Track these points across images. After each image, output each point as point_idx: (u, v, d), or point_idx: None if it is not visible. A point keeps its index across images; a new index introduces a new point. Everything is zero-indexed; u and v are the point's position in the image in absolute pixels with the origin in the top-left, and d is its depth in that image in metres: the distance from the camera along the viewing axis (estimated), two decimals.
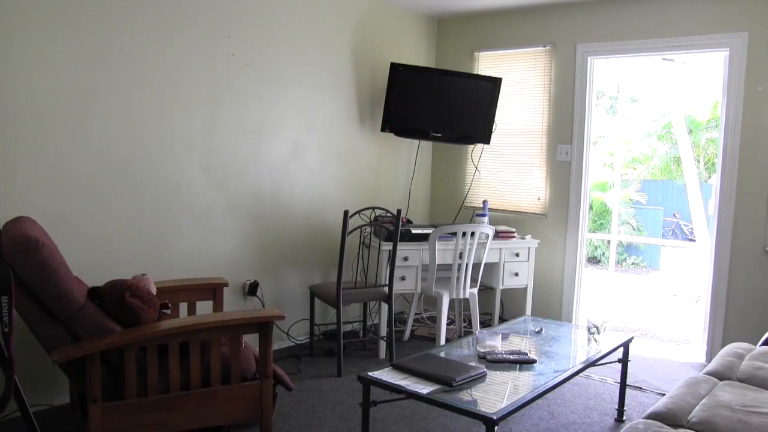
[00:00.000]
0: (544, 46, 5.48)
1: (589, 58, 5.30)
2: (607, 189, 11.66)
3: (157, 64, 3.88)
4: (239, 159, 4.43)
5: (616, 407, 3.87)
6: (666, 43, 4.98)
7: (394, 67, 5.16)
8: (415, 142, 5.72)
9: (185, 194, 4.13)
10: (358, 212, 4.56)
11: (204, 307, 3.74)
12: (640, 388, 4.35)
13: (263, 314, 3.29)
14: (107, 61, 3.64)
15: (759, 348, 3.47)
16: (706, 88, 10.79)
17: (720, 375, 3.08)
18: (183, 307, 3.66)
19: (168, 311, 3.38)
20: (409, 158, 5.83)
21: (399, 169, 5.80)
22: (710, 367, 3.21)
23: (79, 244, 3.57)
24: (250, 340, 3.35)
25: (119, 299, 2.88)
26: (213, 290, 3.78)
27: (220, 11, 4.20)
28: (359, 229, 4.60)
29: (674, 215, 12.41)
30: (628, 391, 3.95)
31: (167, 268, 3.97)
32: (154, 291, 3.18)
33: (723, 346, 3.73)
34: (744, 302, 4.66)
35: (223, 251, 4.39)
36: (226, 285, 3.83)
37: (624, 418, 3.79)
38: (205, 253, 4.27)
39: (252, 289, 4.56)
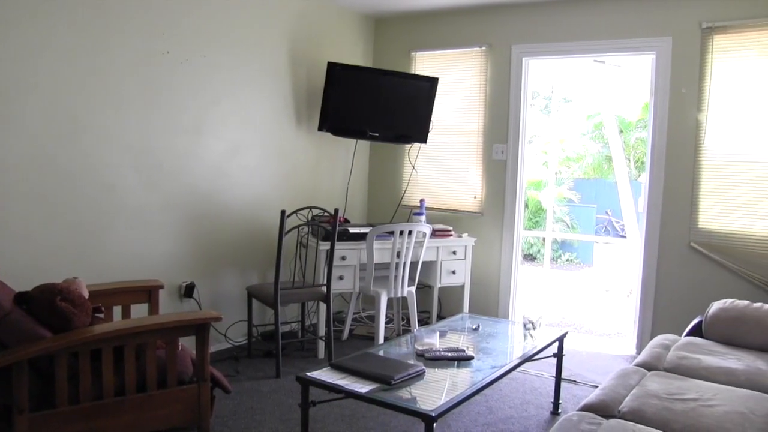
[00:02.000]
0: (480, 47, 5.56)
1: (524, 59, 5.40)
2: (541, 187, 11.90)
3: (90, 61, 3.77)
4: (175, 158, 4.35)
5: (552, 400, 3.95)
6: (597, 45, 5.12)
7: (332, 67, 5.15)
8: (353, 141, 5.72)
9: (119, 194, 4.02)
10: (296, 212, 4.53)
11: (139, 310, 3.65)
12: (575, 381, 4.45)
13: (200, 316, 3.23)
14: (38, 58, 3.51)
15: (684, 339, 3.61)
16: (636, 89, 11.13)
17: (648, 366, 3.19)
18: (117, 310, 3.56)
19: (101, 315, 3.28)
20: (346, 158, 5.82)
21: (336, 168, 5.79)
22: (639, 358, 3.32)
23: (6, 246, 3.44)
24: (187, 343, 3.29)
25: (49, 304, 2.78)
26: (148, 292, 3.69)
27: (155, 8, 4.11)
28: (297, 229, 4.57)
29: (606, 212, 12.74)
30: (563, 384, 4.04)
31: (100, 270, 3.86)
32: (86, 294, 3.09)
33: (652, 337, 3.85)
34: (671, 295, 4.83)
35: (159, 252, 4.30)
36: (162, 287, 3.75)
37: (559, 410, 3.88)
38: (140, 254, 4.17)
39: (188, 290, 4.48)
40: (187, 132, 4.41)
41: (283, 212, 4.29)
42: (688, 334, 3.71)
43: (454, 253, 5.28)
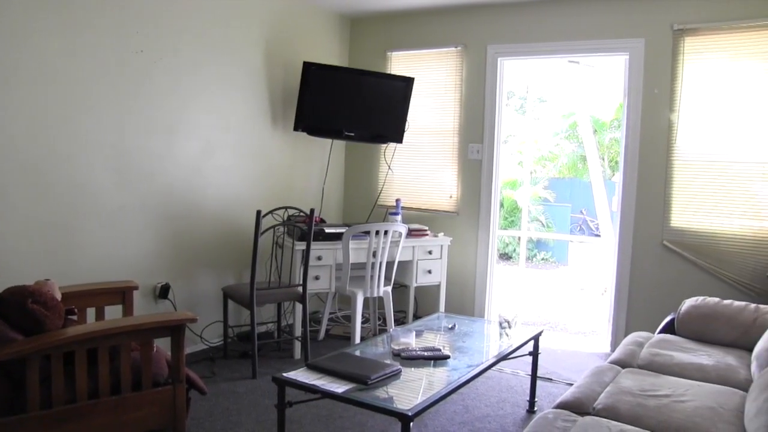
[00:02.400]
0: (456, 47, 5.58)
1: (499, 59, 5.43)
2: (517, 187, 11.97)
3: (63, 60, 3.71)
4: (150, 158, 4.30)
5: (528, 398, 3.98)
6: (572, 46, 5.17)
7: (308, 66, 5.13)
8: (329, 141, 5.71)
9: (93, 195, 3.97)
10: (271, 212, 4.51)
11: (113, 312, 3.61)
12: (550, 379, 4.49)
13: (175, 317, 3.20)
14: (9, 57, 3.45)
15: (657, 336, 3.66)
16: (610, 90, 11.24)
17: (622, 363, 3.23)
18: (91, 312, 3.51)
19: (74, 317, 3.24)
20: (322, 158, 5.81)
21: (312, 168, 5.77)
22: (614, 356, 3.36)
23: None
24: (162, 344, 3.26)
25: (20, 306, 2.74)
26: (122, 294, 3.65)
27: (127, 6, 4.06)
28: (272, 229, 4.55)
29: (581, 212, 12.86)
30: (538, 382, 4.07)
31: (74, 272, 3.81)
32: (58, 296, 3.04)
33: (626, 335, 3.90)
34: (644, 293, 4.89)
35: (133, 253, 4.25)
36: (136, 288, 3.71)
37: (535, 408, 3.91)
38: (113, 255, 4.12)
39: (163, 291, 4.44)
40: (162, 132, 4.37)
41: (258, 212, 4.27)
42: (662, 332, 3.76)
43: (430, 252, 5.30)
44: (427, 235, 5.32)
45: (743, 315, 3.53)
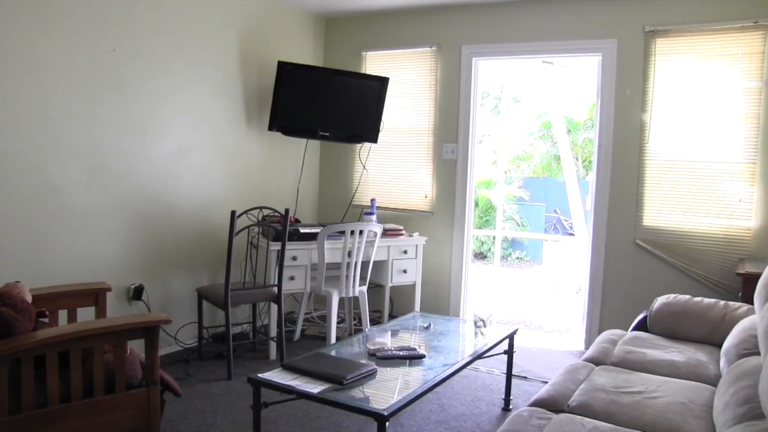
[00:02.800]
0: (431, 47, 5.59)
1: (473, 59, 5.45)
2: (491, 186, 12.03)
3: (34, 58, 3.66)
4: (122, 158, 4.26)
5: (503, 397, 4.00)
6: (545, 46, 5.21)
7: (282, 66, 5.11)
8: (303, 141, 5.70)
9: (65, 195, 3.92)
10: (246, 212, 4.48)
11: (86, 314, 3.56)
12: (525, 377, 4.52)
13: (149, 319, 3.16)
14: None
15: (630, 333, 3.70)
16: (583, 90, 11.36)
17: (596, 360, 3.26)
18: (63, 314, 3.45)
19: (45, 320, 3.19)
20: (297, 158, 5.79)
21: (287, 168, 5.75)
22: (588, 353, 3.39)
23: None
24: (136, 346, 3.22)
25: None
26: (95, 296, 3.59)
27: (100, 4, 4.01)
28: (247, 230, 4.53)
29: (555, 211, 12.96)
30: (513, 380, 4.09)
31: (45, 273, 3.75)
32: (29, 299, 2.99)
33: (600, 333, 3.93)
34: (618, 291, 4.94)
35: (106, 254, 4.20)
36: (109, 290, 3.66)
37: (510, 406, 3.93)
38: (86, 257, 4.07)
39: (137, 293, 4.40)
40: (135, 131, 4.33)
41: (233, 213, 4.25)
42: (634, 329, 3.81)
43: (405, 252, 5.30)
44: (402, 234, 5.33)
45: (713, 312, 3.58)
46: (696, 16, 4.57)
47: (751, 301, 3.19)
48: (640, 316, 3.85)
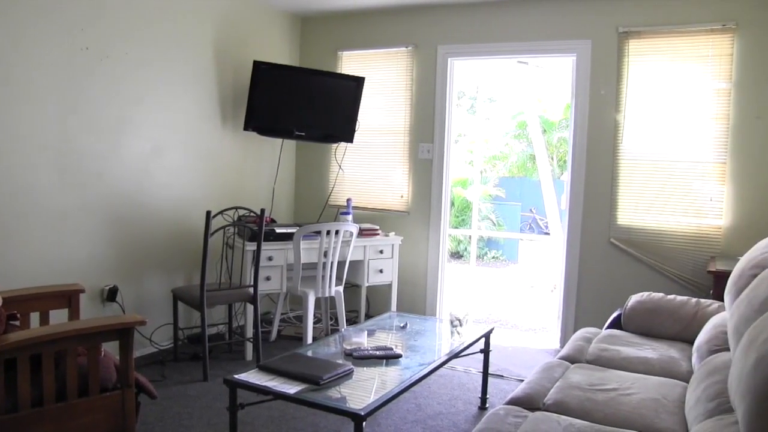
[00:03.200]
0: (407, 47, 5.60)
1: (449, 59, 5.47)
2: (467, 186, 12.08)
3: (3, 56, 3.60)
4: (96, 158, 4.20)
5: (480, 395, 4.02)
6: (521, 47, 5.24)
7: (258, 66, 5.09)
8: (279, 141, 5.67)
9: (36, 196, 3.85)
10: (221, 212, 4.46)
11: (58, 316, 3.51)
12: (502, 376, 4.54)
13: (123, 320, 3.13)
14: None
15: (604, 331, 3.73)
16: (558, 90, 11.45)
17: (571, 358, 3.28)
18: (34, 317, 3.41)
19: (16, 322, 3.14)
20: (272, 157, 5.77)
21: (263, 168, 5.72)
22: (563, 351, 3.41)
23: None
24: (111, 348, 3.19)
25: None
26: (68, 298, 3.54)
27: (72, 2, 3.96)
28: (223, 230, 4.50)
29: (531, 210, 13.05)
30: (490, 379, 4.11)
31: (15, 275, 3.69)
32: None
33: (575, 331, 3.97)
34: (593, 290, 4.99)
35: (79, 256, 4.15)
36: (83, 291, 3.61)
37: (487, 405, 3.95)
38: (58, 258, 4.01)
39: (111, 294, 4.35)
40: (109, 131, 4.28)
41: (208, 213, 4.22)
42: (609, 327, 3.84)
43: (381, 252, 5.31)
44: (378, 234, 5.33)
45: (685, 309, 3.63)
46: (667, 18, 4.64)
47: (721, 298, 3.24)
48: (615, 314, 3.89)
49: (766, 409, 1.62)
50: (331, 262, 4.79)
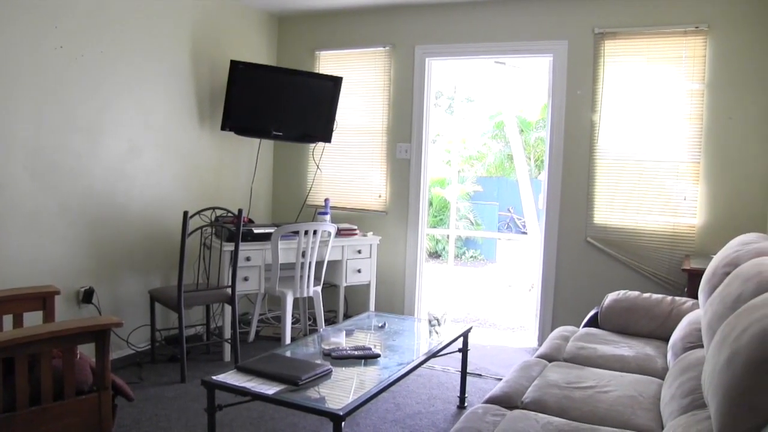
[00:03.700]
0: (384, 47, 5.60)
1: (427, 59, 5.48)
2: (445, 185, 12.11)
3: None
4: (71, 159, 4.16)
5: (458, 395, 4.04)
6: (498, 47, 5.27)
7: (235, 65, 5.06)
8: (257, 141, 5.65)
9: (9, 197, 3.80)
10: (199, 213, 4.43)
11: (33, 319, 3.47)
12: (480, 374, 4.56)
13: (99, 322, 3.09)
14: None
15: (582, 330, 3.76)
16: (535, 90, 11.51)
17: (549, 357, 3.31)
18: (8, 319, 3.36)
19: None
20: (250, 157, 5.74)
21: (240, 168, 5.69)
22: (541, 350, 3.44)
23: None
24: (87, 351, 3.16)
25: None
26: (42, 300, 3.49)
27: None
28: (200, 230, 4.47)
29: (508, 210, 13.11)
30: (468, 378, 4.12)
31: None
32: None
33: (553, 329, 4.00)
34: (570, 288, 5.03)
35: (54, 257, 4.10)
36: (58, 293, 3.56)
37: (465, 404, 3.96)
38: (33, 259, 3.95)
39: (87, 296, 4.30)
40: (84, 131, 4.23)
41: (185, 213, 4.19)
42: (586, 325, 3.88)
43: (360, 252, 5.31)
44: (356, 234, 5.33)
45: (660, 307, 3.68)
46: (642, 20, 4.69)
47: (696, 296, 3.29)
48: (592, 313, 3.92)
49: (738, 404, 1.64)
50: (309, 263, 4.78)
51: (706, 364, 2.05)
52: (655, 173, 4.71)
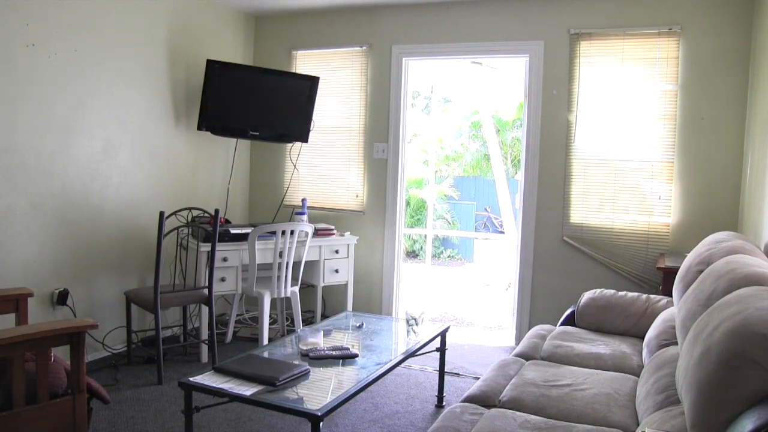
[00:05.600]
0: (361, 47, 5.60)
1: (404, 59, 5.49)
2: (422, 185, 12.14)
3: None
4: (43, 159, 4.10)
5: (436, 394, 4.05)
6: (474, 47, 5.28)
7: (211, 65, 5.03)
8: (233, 140, 5.62)
9: None
10: (175, 213, 4.39)
11: (5, 321, 3.42)
12: (458, 374, 4.58)
13: (73, 324, 3.05)
14: None
15: (558, 328, 3.80)
16: (512, 90, 11.58)
17: (526, 355, 3.33)
18: None
19: None
20: (227, 157, 5.71)
21: (217, 168, 5.66)
22: (518, 349, 3.46)
23: None
24: (61, 353, 3.12)
25: None
26: (15, 302, 3.44)
27: None
28: (176, 231, 4.44)
29: (485, 209, 13.17)
30: (446, 377, 4.13)
31: None
32: None
33: (530, 328, 4.03)
34: (547, 287, 5.06)
35: (27, 259, 4.04)
36: (31, 295, 3.51)
37: (444, 403, 3.98)
38: (4, 261, 3.90)
39: (61, 298, 4.25)
40: (57, 130, 4.17)
41: (161, 213, 4.15)
42: (563, 324, 3.91)
43: (337, 252, 5.30)
44: (333, 234, 5.32)
45: (635, 305, 3.72)
46: (616, 21, 4.74)
47: (671, 294, 3.33)
48: (568, 311, 3.96)
49: (710, 399, 1.67)
50: (287, 263, 4.77)
51: (680, 361, 2.08)
52: (630, 173, 4.76)
